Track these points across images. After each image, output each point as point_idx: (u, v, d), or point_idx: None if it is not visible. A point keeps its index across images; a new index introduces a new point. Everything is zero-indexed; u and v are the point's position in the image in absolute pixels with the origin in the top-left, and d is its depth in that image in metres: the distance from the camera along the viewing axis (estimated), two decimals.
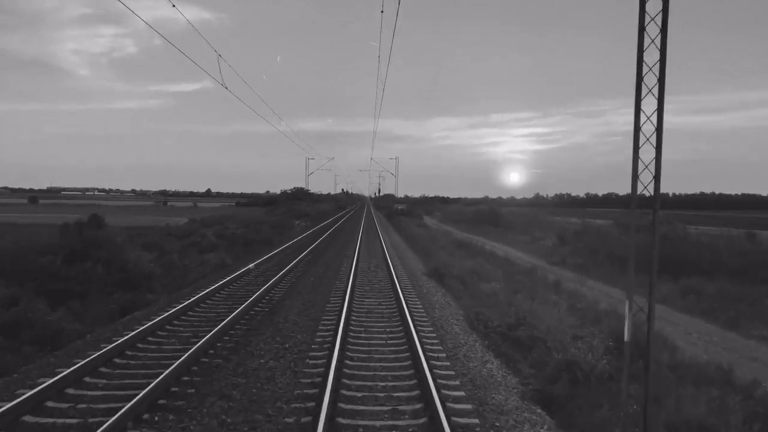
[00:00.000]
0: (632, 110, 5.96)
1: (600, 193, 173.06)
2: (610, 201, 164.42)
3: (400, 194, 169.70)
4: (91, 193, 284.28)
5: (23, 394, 6.41)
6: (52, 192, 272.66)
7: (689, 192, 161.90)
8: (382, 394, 7.06)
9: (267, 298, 13.32)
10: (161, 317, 10.40)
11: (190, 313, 11.47)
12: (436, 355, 8.87)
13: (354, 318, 11.35)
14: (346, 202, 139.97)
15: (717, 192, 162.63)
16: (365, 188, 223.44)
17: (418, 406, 6.62)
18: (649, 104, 5.96)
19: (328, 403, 6.19)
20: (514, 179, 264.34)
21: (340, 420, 6.17)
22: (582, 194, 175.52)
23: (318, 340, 9.56)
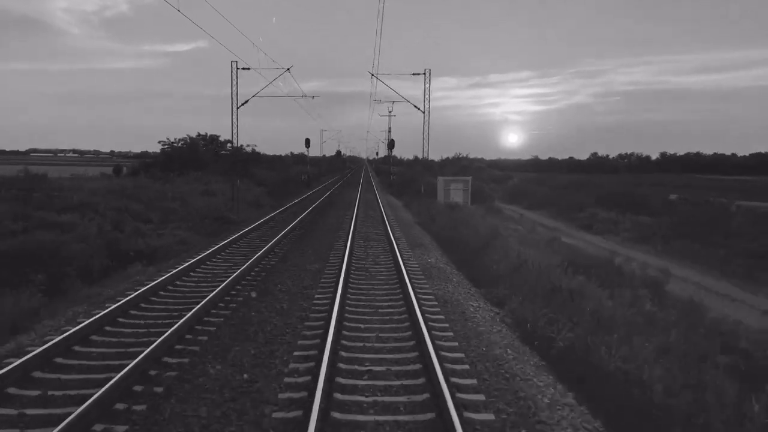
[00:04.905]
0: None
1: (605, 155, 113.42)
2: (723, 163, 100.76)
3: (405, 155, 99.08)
4: (63, 155, 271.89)
5: None
6: (26, 154, 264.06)
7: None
8: None
9: None
10: None
11: None
12: None
13: None
14: (316, 172, 59.46)
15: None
16: (362, 148, 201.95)
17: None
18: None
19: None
20: (513, 140, 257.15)
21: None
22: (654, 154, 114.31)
23: None
